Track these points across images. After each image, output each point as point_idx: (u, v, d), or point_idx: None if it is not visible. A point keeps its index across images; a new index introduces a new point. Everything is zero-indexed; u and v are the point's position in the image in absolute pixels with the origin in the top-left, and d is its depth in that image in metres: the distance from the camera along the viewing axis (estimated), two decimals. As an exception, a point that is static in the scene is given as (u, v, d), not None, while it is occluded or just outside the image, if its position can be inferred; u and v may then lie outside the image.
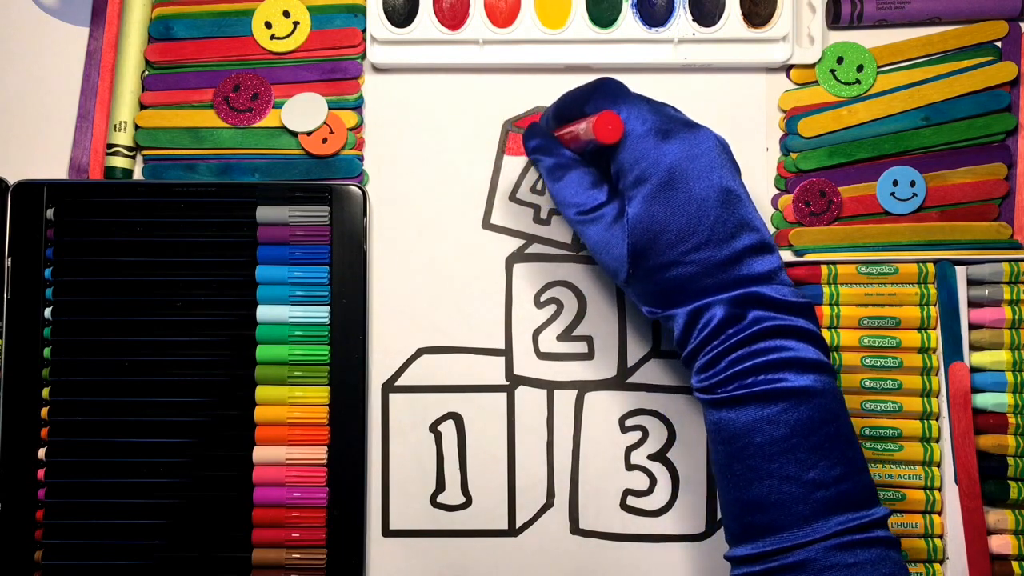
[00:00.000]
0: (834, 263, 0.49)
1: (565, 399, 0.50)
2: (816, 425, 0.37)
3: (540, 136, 0.46)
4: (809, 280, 0.49)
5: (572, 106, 0.44)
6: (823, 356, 0.39)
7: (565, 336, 0.50)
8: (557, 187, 0.43)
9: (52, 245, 0.49)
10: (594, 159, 0.44)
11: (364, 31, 0.50)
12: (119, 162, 0.50)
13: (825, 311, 0.49)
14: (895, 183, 0.50)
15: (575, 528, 0.50)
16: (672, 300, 0.40)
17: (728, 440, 0.39)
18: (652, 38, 0.50)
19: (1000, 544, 0.47)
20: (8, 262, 0.49)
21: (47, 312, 0.49)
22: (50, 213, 0.49)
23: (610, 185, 0.42)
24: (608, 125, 0.39)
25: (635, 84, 0.51)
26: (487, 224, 0.51)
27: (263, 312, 0.49)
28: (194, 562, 0.48)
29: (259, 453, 0.48)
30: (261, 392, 0.49)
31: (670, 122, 0.40)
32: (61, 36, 0.51)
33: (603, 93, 0.42)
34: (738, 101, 0.51)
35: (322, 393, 0.49)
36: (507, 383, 0.50)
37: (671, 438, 0.50)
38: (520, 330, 0.50)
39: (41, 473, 0.48)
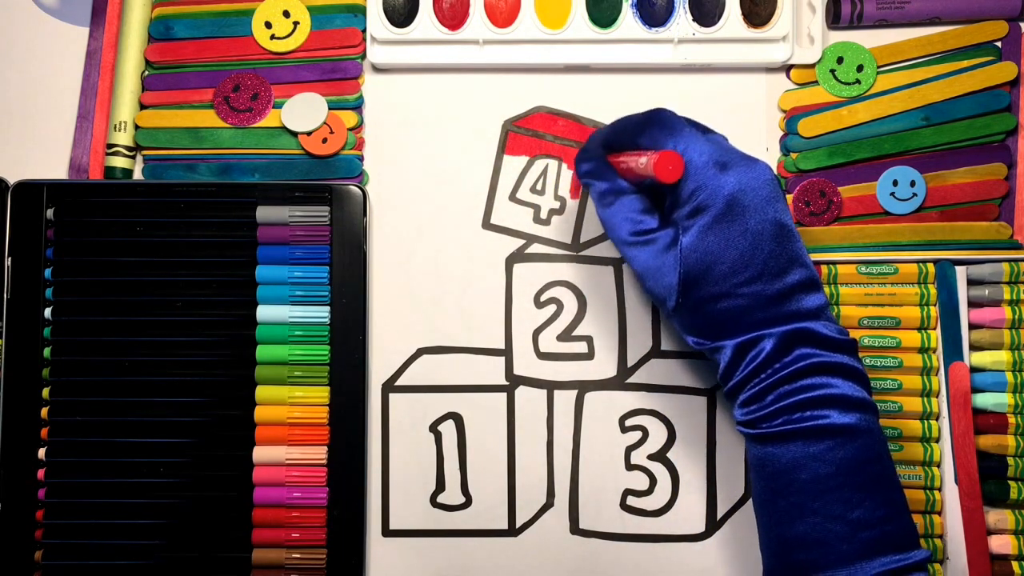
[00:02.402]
0: (834, 263, 0.49)
1: (565, 399, 0.50)
2: (861, 464, 0.37)
3: (593, 160, 0.44)
4: (809, 280, 0.49)
5: (624, 135, 0.44)
6: (867, 395, 0.39)
7: (565, 336, 0.50)
8: (608, 212, 0.43)
9: (52, 245, 0.49)
10: (644, 189, 0.43)
11: (364, 31, 0.50)
12: (119, 162, 0.50)
13: (825, 311, 0.49)
14: (895, 183, 0.50)
15: (575, 528, 0.50)
16: (721, 332, 0.40)
17: (772, 475, 0.38)
18: (652, 38, 0.50)
19: (1000, 544, 0.47)
20: (8, 262, 0.49)
21: (47, 312, 0.49)
22: (50, 213, 0.49)
23: (661, 214, 0.42)
24: (669, 165, 0.39)
25: (635, 84, 0.51)
26: (487, 224, 0.51)
27: (263, 312, 0.49)
28: (194, 562, 0.48)
29: (259, 453, 0.48)
30: (261, 392, 0.49)
31: (727, 153, 0.40)
32: (61, 36, 0.51)
33: (658, 124, 0.42)
34: (738, 101, 0.51)
35: (322, 393, 0.49)
36: (507, 383, 0.50)
37: (671, 438, 0.50)
38: (520, 330, 0.50)
39: (41, 473, 0.48)
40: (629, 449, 0.50)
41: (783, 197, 0.40)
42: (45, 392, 0.49)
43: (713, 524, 0.49)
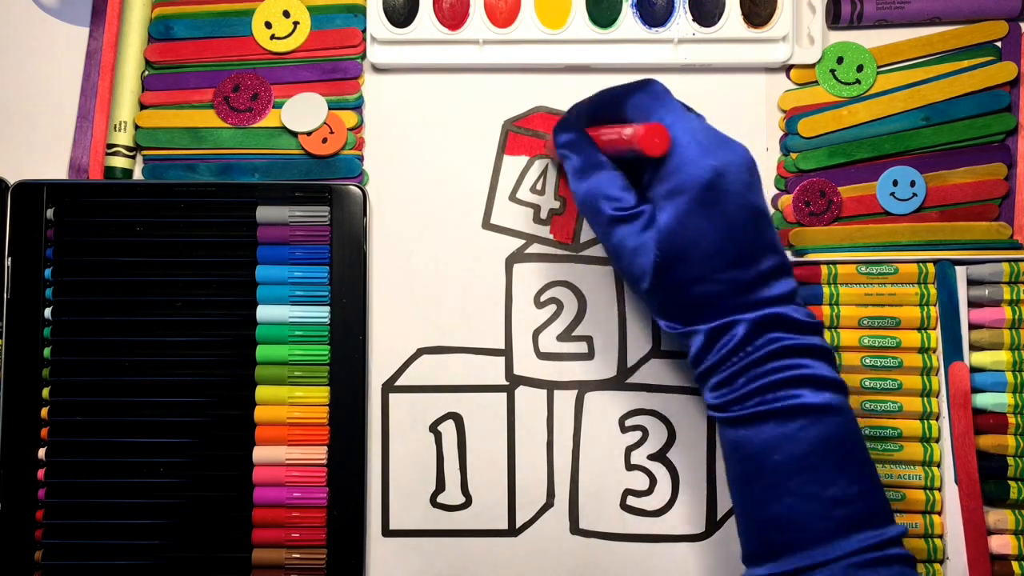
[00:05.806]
0: (834, 263, 0.49)
1: (565, 399, 0.50)
2: (835, 442, 0.37)
3: (572, 131, 0.43)
4: (809, 280, 0.49)
5: (609, 105, 0.42)
6: (837, 375, 0.39)
7: (565, 336, 0.50)
8: (586, 185, 0.41)
9: (52, 245, 0.49)
10: (621, 164, 0.42)
11: (364, 31, 0.50)
12: (119, 162, 0.50)
13: (825, 311, 0.49)
14: (895, 183, 0.50)
15: (575, 528, 0.50)
16: (695, 316, 0.39)
17: (746, 458, 0.38)
18: (652, 38, 0.50)
19: (1000, 544, 0.47)
20: (8, 262, 0.49)
21: (47, 312, 0.49)
22: (50, 213, 0.49)
23: (638, 192, 0.41)
24: (656, 138, 0.38)
25: (635, 84, 0.51)
26: (487, 224, 0.51)
27: (263, 312, 0.49)
28: (194, 562, 0.48)
29: (259, 453, 0.48)
30: (261, 392, 0.49)
31: (711, 136, 0.39)
32: (61, 36, 0.51)
33: (649, 94, 0.40)
34: (738, 101, 0.51)
35: (322, 393, 0.49)
36: (507, 383, 0.50)
37: (671, 438, 0.50)
38: (520, 330, 0.50)
39: (41, 473, 0.48)
40: (629, 449, 0.50)
41: (760, 183, 0.40)
42: (45, 392, 0.49)
43: (713, 524, 0.49)
